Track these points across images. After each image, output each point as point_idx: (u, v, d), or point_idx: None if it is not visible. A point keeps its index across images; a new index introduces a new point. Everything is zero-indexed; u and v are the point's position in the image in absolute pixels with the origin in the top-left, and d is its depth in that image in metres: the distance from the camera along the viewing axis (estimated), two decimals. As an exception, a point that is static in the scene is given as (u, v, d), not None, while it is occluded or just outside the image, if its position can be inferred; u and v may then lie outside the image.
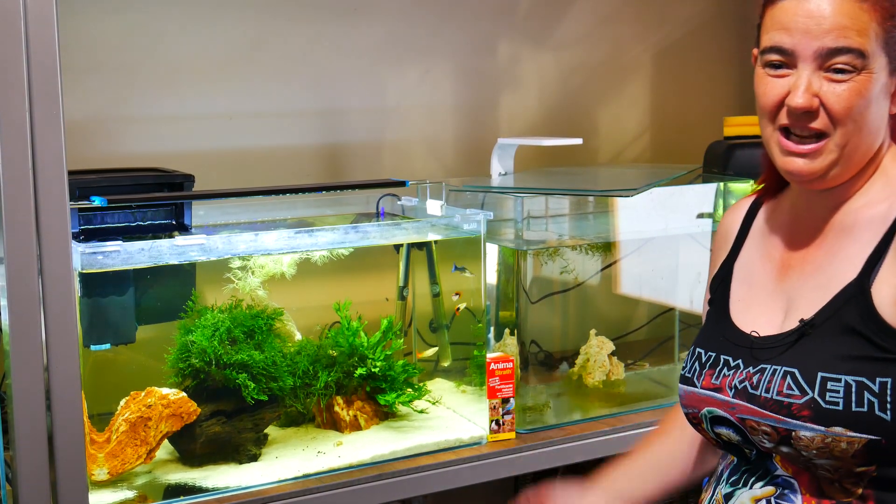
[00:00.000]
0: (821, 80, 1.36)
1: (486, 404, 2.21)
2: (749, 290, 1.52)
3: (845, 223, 1.43)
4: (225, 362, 2.03)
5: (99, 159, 2.29)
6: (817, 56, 1.35)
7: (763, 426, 1.38)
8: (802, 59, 1.36)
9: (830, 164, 1.38)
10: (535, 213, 2.44)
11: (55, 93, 1.62)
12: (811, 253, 1.45)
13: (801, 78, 1.36)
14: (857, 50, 1.34)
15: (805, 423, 1.33)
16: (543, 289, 2.44)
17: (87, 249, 1.85)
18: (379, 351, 2.22)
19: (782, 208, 1.55)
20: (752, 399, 1.39)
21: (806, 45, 1.35)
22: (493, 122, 2.82)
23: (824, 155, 1.38)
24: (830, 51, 1.34)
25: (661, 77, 3.07)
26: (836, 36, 1.34)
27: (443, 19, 2.72)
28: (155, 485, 1.97)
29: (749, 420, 1.40)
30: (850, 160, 1.39)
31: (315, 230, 2.13)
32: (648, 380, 2.55)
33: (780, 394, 1.36)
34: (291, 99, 2.57)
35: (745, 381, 1.41)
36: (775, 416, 1.36)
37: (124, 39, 2.36)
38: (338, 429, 2.21)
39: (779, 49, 1.38)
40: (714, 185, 2.57)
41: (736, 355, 1.45)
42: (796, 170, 1.40)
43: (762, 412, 1.38)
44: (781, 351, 1.39)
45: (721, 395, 1.44)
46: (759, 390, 1.38)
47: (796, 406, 1.34)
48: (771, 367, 1.38)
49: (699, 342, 1.54)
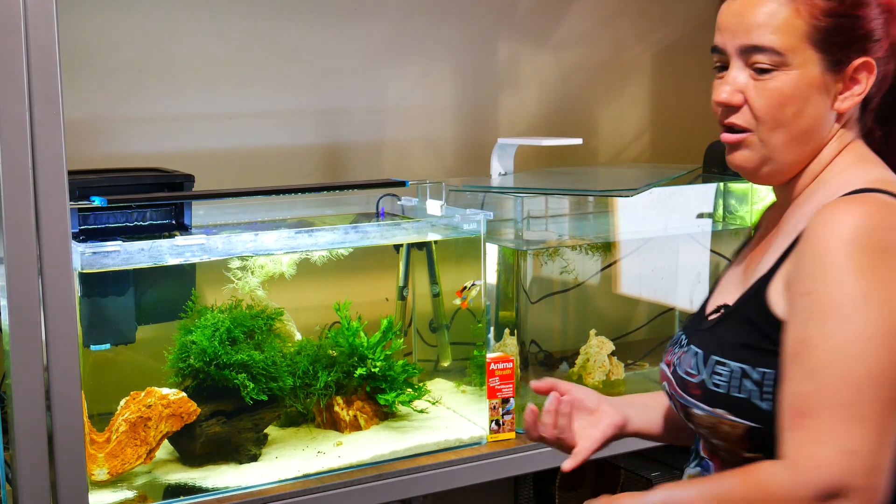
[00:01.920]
0: (747, 77, 1.39)
1: (486, 404, 2.21)
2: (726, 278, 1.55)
3: (787, 219, 1.45)
4: (225, 362, 2.03)
5: (99, 159, 2.29)
6: (739, 53, 1.39)
7: (676, 402, 1.47)
8: (731, 56, 1.40)
9: (760, 160, 1.40)
10: (534, 213, 2.44)
11: (55, 93, 1.62)
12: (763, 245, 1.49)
13: (728, 75, 1.40)
14: (769, 48, 1.36)
15: (696, 402, 1.40)
16: (543, 289, 2.44)
17: (87, 249, 1.85)
18: (379, 351, 2.22)
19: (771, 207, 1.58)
20: (675, 376, 1.46)
21: (730, 42, 1.40)
22: (493, 121, 2.82)
23: (750, 149, 1.40)
24: (747, 48, 1.38)
25: (661, 77, 3.07)
26: (752, 34, 1.37)
27: (443, 19, 2.72)
28: (155, 485, 1.97)
29: (673, 396, 1.47)
30: (783, 157, 1.40)
31: (315, 230, 2.13)
32: (648, 380, 2.55)
33: (685, 373, 1.43)
34: (291, 99, 2.57)
35: (679, 359, 1.47)
36: (680, 392, 1.44)
37: (124, 39, 2.36)
38: (338, 429, 2.21)
39: (715, 48, 1.44)
40: (714, 185, 2.57)
41: (687, 336, 1.50)
42: (731, 160, 1.44)
43: (676, 389, 1.46)
44: (701, 334, 1.45)
45: (668, 371, 1.51)
46: (679, 368, 1.45)
47: (691, 384, 1.41)
48: (691, 349, 1.45)
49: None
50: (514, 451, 2.18)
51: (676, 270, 2.59)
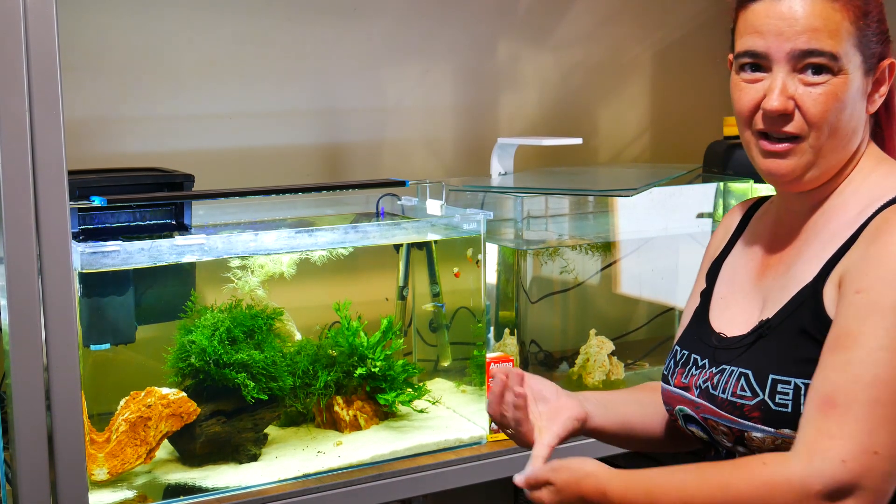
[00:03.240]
0: (796, 82, 1.35)
1: (486, 404, 2.21)
2: (729, 290, 1.52)
3: (818, 225, 1.43)
4: (225, 362, 2.03)
5: (99, 159, 2.29)
6: (790, 58, 1.34)
7: (721, 426, 1.40)
8: (776, 61, 1.36)
9: (806, 166, 1.38)
10: (534, 212, 2.44)
11: (55, 92, 1.62)
12: (786, 254, 1.46)
13: (775, 81, 1.36)
14: (829, 53, 1.33)
15: (756, 425, 1.34)
16: (543, 288, 2.44)
17: (86, 249, 1.85)
18: (379, 351, 2.22)
19: (770, 210, 1.56)
20: (712, 399, 1.41)
21: (778, 47, 1.35)
22: (492, 121, 2.82)
23: (799, 156, 1.37)
24: (803, 52, 1.34)
25: (660, 77, 3.07)
26: (808, 38, 1.33)
27: (442, 19, 2.72)
28: (155, 485, 1.97)
29: (710, 420, 1.42)
30: (827, 162, 1.39)
31: (315, 230, 2.13)
32: (648, 379, 2.54)
33: (734, 395, 1.37)
34: (291, 99, 2.57)
35: (707, 381, 1.43)
36: (730, 416, 1.38)
37: (124, 39, 2.36)
38: (337, 428, 2.21)
39: (752, 53, 1.38)
40: (714, 184, 2.57)
41: (703, 355, 1.46)
42: (774, 170, 1.39)
43: (720, 412, 1.39)
44: (740, 353, 1.40)
45: (688, 394, 1.46)
46: (718, 391, 1.40)
47: (748, 407, 1.35)
48: (729, 369, 1.40)
49: (678, 340, 1.56)
50: (513, 450, 2.18)
51: (676, 270, 2.59)
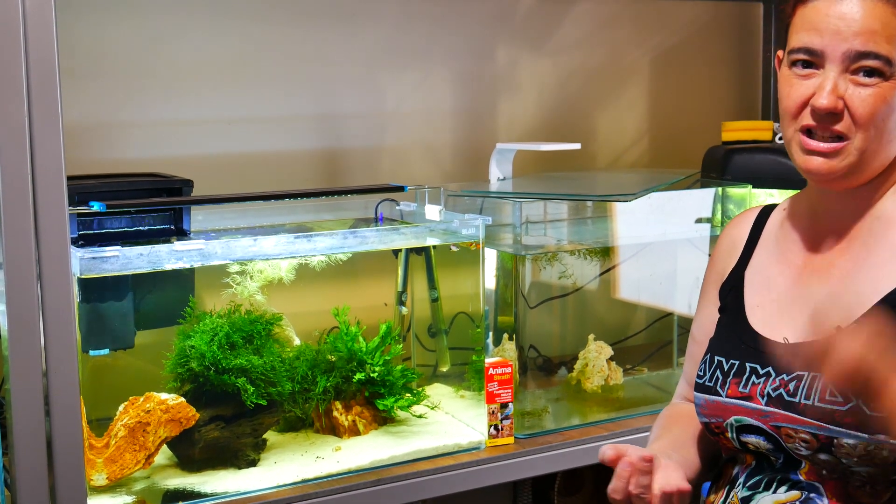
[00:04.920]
0: (847, 82, 1.36)
1: (485, 409, 2.21)
2: (767, 297, 1.51)
3: (874, 229, 1.42)
4: (224, 367, 2.03)
5: (98, 164, 2.29)
6: (845, 58, 1.35)
7: (801, 433, 1.36)
8: (830, 60, 1.36)
9: (849, 167, 1.38)
10: (533, 217, 2.44)
11: (54, 98, 1.62)
12: (837, 259, 1.45)
13: (827, 79, 1.36)
14: (884, 56, 1.34)
15: (848, 431, 1.32)
16: (542, 294, 2.44)
17: (85, 255, 1.85)
18: (378, 356, 2.22)
19: (799, 213, 1.54)
20: (790, 406, 1.38)
21: (835, 46, 1.35)
22: (491, 126, 2.82)
23: (843, 156, 1.38)
24: (858, 54, 1.34)
25: (659, 82, 3.08)
26: (865, 39, 1.34)
27: (441, 24, 2.72)
28: (154, 490, 1.97)
29: (785, 428, 1.38)
30: (870, 164, 1.39)
31: (314, 235, 2.13)
32: (647, 385, 2.55)
33: (822, 401, 1.34)
34: (290, 104, 2.57)
35: (779, 388, 1.39)
36: (817, 423, 1.34)
37: (123, 44, 2.36)
38: (336, 434, 2.21)
39: (808, 49, 1.38)
40: (712, 189, 2.57)
41: (764, 363, 1.43)
42: (815, 168, 1.40)
43: (801, 419, 1.36)
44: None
45: (752, 403, 1.42)
46: (798, 397, 1.37)
47: (839, 413, 1.33)
48: (809, 374, 1.37)
49: (717, 350, 1.52)
50: (512, 455, 2.18)
51: (675, 275, 2.59)
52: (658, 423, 1.67)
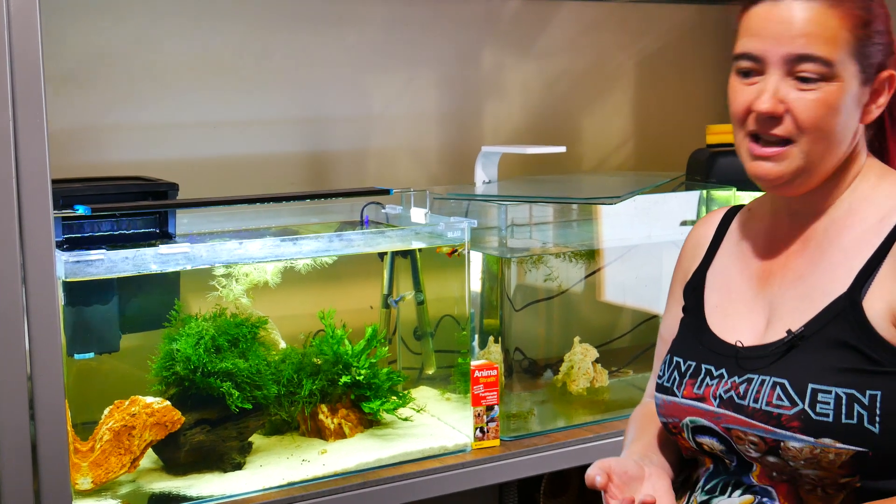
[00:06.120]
0: (789, 86, 1.37)
1: (471, 412, 2.22)
2: (726, 298, 1.52)
3: (829, 233, 1.43)
4: (209, 371, 2.03)
5: (82, 168, 2.29)
6: (785, 62, 1.36)
7: (750, 436, 1.38)
8: (771, 64, 1.37)
9: (796, 171, 1.39)
10: (518, 220, 2.45)
11: (39, 101, 1.62)
12: (792, 261, 1.46)
13: (768, 83, 1.38)
14: (822, 59, 1.35)
15: (794, 434, 1.33)
16: (527, 296, 2.45)
17: (70, 258, 1.85)
18: (363, 359, 2.22)
19: (760, 216, 1.55)
20: (739, 409, 1.39)
21: (774, 50, 1.37)
22: (477, 129, 2.83)
23: (789, 160, 1.39)
24: (797, 57, 1.35)
25: (644, 85, 3.09)
26: (804, 42, 1.35)
27: (427, 28, 2.73)
28: (139, 494, 1.97)
29: (735, 430, 1.40)
30: (817, 168, 1.40)
31: (299, 238, 2.13)
32: (632, 387, 2.56)
33: (769, 404, 1.36)
34: (276, 107, 2.57)
35: (730, 390, 1.41)
36: (764, 426, 1.36)
37: (108, 48, 2.36)
38: (322, 437, 2.21)
39: (749, 55, 1.40)
40: (697, 192, 2.58)
41: (719, 364, 1.45)
42: (763, 173, 1.41)
43: (750, 422, 1.37)
44: (770, 361, 1.39)
45: (705, 404, 1.44)
46: (747, 400, 1.38)
47: (786, 417, 1.34)
48: (759, 378, 1.38)
49: (676, 351, 1.53)
50: (498, 458, 2.18)
51: (660, 278, 2.60)
52: (633, 424, 1.68)
